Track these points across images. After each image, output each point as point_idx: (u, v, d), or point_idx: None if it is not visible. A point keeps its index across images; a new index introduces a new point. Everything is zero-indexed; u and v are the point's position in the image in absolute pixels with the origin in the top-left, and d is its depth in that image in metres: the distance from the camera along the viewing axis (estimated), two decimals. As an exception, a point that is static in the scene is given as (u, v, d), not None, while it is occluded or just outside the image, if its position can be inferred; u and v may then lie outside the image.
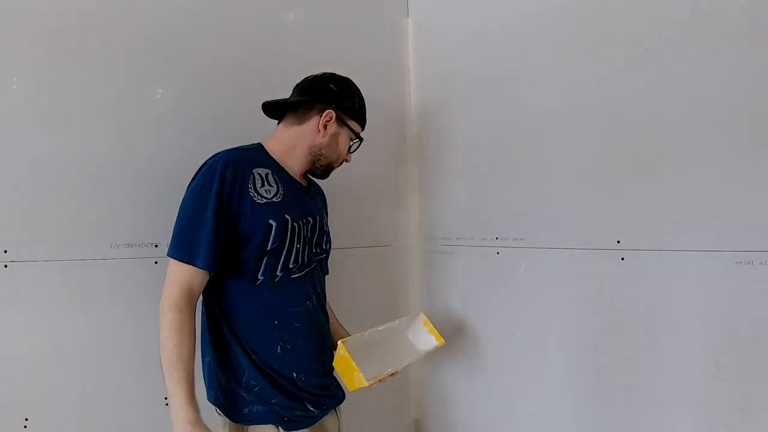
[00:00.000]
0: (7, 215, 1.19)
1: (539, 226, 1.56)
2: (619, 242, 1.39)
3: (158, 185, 1.35)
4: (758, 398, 1.19)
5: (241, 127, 1.41)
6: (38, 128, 1.22)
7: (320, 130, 1.26)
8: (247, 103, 1.43)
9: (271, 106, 1.30)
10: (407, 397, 1.97)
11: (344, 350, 1.21)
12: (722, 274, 1.23)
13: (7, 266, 1.19)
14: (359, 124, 1.34)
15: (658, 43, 1.32)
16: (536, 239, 1.57)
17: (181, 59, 1.40)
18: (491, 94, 1.68)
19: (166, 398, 1.32)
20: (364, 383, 1.19)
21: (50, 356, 1.23)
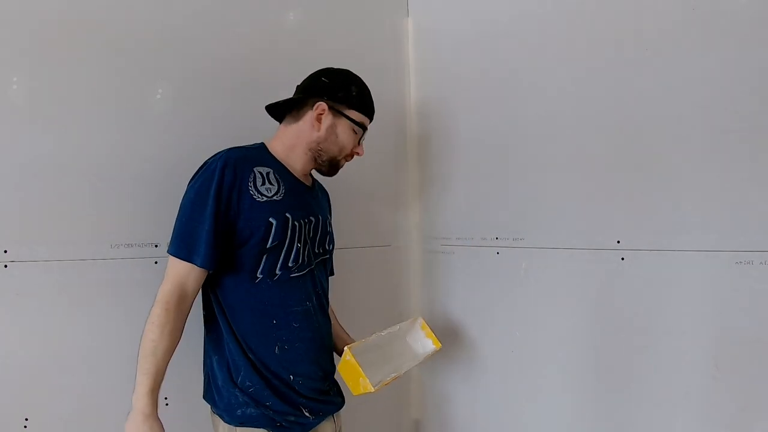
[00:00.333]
0: (7, 215, 1.19)
1: (539, 226, 1.56)
2: (619, 242, 1.39)
3: (158, 185, 1.34)
4: (758, 398, 1.19)
5: (241, 127, 1.41)
6: (38, 128, 1.22)
7: (314, 124, 1.25)
8: (247, 103, 1.43)
9: (272, 107, 1.30)
10: (407, 397, 1.97)
11: (350, 356, 1.22)
12: (722, 274, 1.23)
13: (7, 266, 1.19)
14: (360, 112, 1.29)
15: (658, 43, 1.32)
16: (536, 239, 1.57)
17: (181, 59, 1.40)
18: (491, 94, 1.68)
19: (166, 398, 1.33)
20: (370, 388, 1.20)
21: (50, 356, 1.23)
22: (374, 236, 1.86)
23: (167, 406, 1.33)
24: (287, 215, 1.19)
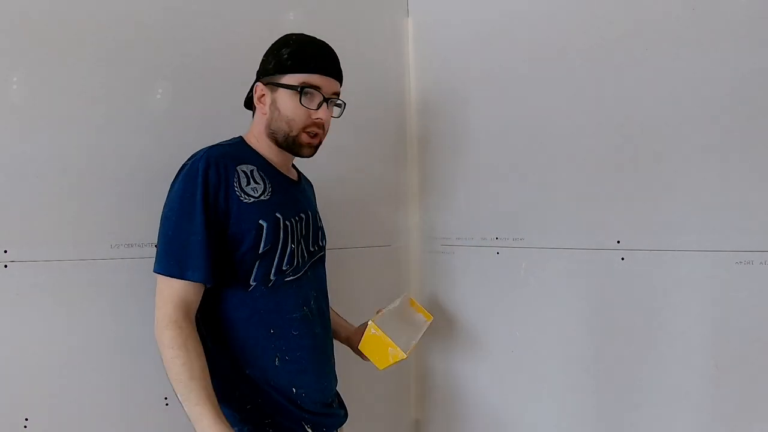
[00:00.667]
0: (7, 215, 1.19)
1: (539, 226, 1.56)
2: (619, 242, 1.39)
3: (159, 185, 1.33)
4: (758, 398, 1.19)
5: (241, 126, 1.40)
6: (38, 128, 1.22)
7: (260, 108, 1.18)
8: (247, 103, 1.43)
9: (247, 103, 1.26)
10: (407, 397, 1.97)
11: (376, 328, 1.22)
12: (722, 274, 1.23)
13: (7, 266, 1.19)
14: (297, 72, 1.13)
15: (658, 43, 1.32)
16: (536, 239, 1.57)
17: (181, 59, 1.40)
18: (491, 94, 1.68)
19: (166, 398, 1.32)
20: (401, 355, 1.22)
21: (50, 356, 1.23)
22: (374, 236, 1.86)
23: (167, 406, 1.33)
24: (277, 215, 1.12)
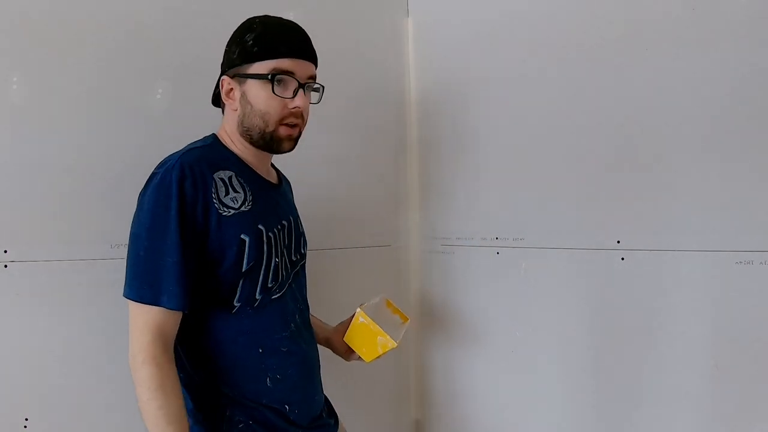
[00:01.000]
0: (7, 215, 1.19)
1: (539, 226, 1.56)
2: (619, 242, 1.39)
3: (158, 185, 1.34)
4: (758, 398, 1.19)
5: (241, 127, 1.41)
6: (38, 128, 1.22)
7: (229, 104, 1.07)
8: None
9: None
10: (407, 397, 1.97)
11: (364, 316, 1.13)
12: (722, 274, 1.23)
13: (7, 266, 1.19)
14: (265, 59, 1.02)
15: (658, 43, 1.32)
16: (536, 239, 1.57)
17: (181, 59, 1.40)
18: (491, 94, 1.68)
19: (166, 398, 1.32)
20: (392, 344, 1.13)
21: (50, 356, 1.23)
22: (374, 236, 1.86)
23: (167, 406, 1.32)
24: (260, 227, 1.02)
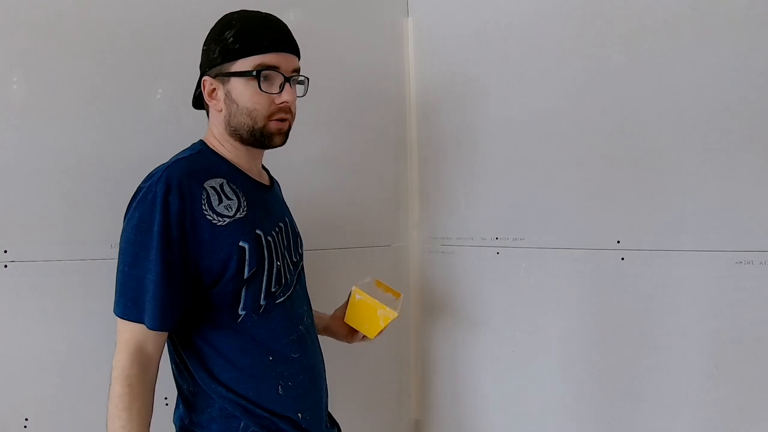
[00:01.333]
0: (7, 215, 1.19)
1: (539, 226, 1.56)
2: (619, 242, 1.39)
3: (158, 185, 1.34)
4: (758, 398, 1.19)
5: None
6: (38, 128, 1.22)
7: (213, 104, 1.04)
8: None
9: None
10: (407, 396, 1.97)
11: (361, 293, 1.12)
12: (722, 274, 1.23)
13: (7, 266, 1.19)
14: (248, 55, 0.99)
15: (658, 43, 1.32)
16: (536, 239, 1.57)
17: (180, 59, 1.40)
18: (491, 94, 1.68)
19: (166, 398, 1.32)
20: (393, 314, 1.12)
21: (50, 356, 1.23)
22: (374, 236, 1.86)
23: (167, 406, 1.32)
24: (258, 232, 0.99)
